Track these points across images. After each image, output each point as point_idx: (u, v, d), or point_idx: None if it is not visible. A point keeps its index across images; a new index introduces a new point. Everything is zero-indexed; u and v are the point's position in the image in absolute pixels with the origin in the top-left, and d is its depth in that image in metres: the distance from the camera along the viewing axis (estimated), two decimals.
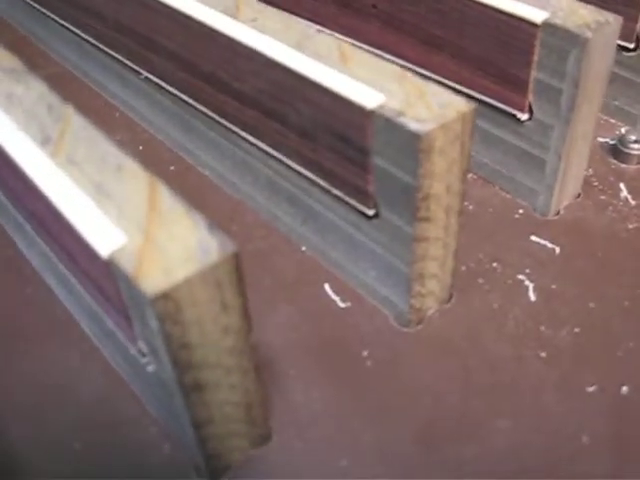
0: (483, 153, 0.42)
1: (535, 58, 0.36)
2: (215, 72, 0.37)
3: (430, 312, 0.36)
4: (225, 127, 0.39)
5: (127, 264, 0.24)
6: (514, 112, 0.38)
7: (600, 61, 0.35)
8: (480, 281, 0.38)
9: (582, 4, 0.36)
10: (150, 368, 0.29)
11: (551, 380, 0.33)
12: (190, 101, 0.41)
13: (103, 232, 0.26)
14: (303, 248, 0.40)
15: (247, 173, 0.40)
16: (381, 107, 0.30)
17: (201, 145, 0.43)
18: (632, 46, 0.42)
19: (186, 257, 0.24)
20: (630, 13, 0.40)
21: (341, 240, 0.37)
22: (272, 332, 0.35)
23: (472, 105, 0.30)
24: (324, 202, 0.36)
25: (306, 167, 0.35)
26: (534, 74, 0.37)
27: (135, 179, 0.28)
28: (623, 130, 0.44)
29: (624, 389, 0.32)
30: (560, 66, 0.35)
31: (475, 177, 0.43)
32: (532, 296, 0.37)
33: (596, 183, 0.42)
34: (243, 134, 0.38)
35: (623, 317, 0.35)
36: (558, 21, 0.35)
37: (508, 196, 0.42)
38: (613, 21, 0.35)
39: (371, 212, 0.33)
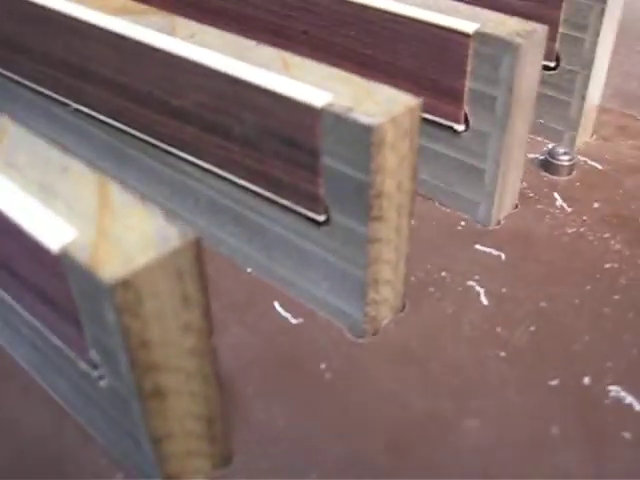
0: (421, 169, 0.42)
1: (469, 68, 0.37)
2: (152, 92, 0.36)
3: (385, 322, 0.35)
4: (163, 150, 0.38)
5: (81, 255, 0.23)
6: (450, 124, 0.39)
7: (531, 66, 0.37)
8: (431, 290, 0.37)
9: (508, 16, 0.37)
10: (103, 382, 0.27)
11: (513, 378, 0.33)
12: (124, 128, 0.40)
13: (52, 228, 0.24)
14: (249, 269, 0.38)
15: (187, 197, 0.39)
16: (330, 105, 0.30)
17: (137, 174, 0.42)
18: (553, 64, 0.44)
19: (144, 245, 0.23)
20: (549, 33, 0.42)
21: (290, 255, 0.36)
22: (225, 353, 0.34)
23: (418, 100, 0.30)
24: (271, 216, 0.35)
25: (252, 180, 0.35)
26: (468, 84, 0.38)
27: (83, 178, 0.26)
28: (550, 146, 0.46)
29: (586, 380, 0.32)
30: (493, 74, 0.36)
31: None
32: (484, 300, 0.36)
33: (532, 194, 0.43)
34: (182, 155, 0.37)
35: (575, 313, 0.36)
36: (489, 30, 0.36)
37: (448, 210, 0.42)
38: (540, 30, 0.36)
39: (322, 217, 0.33)
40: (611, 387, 0.32)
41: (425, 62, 0.38)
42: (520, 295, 0.37)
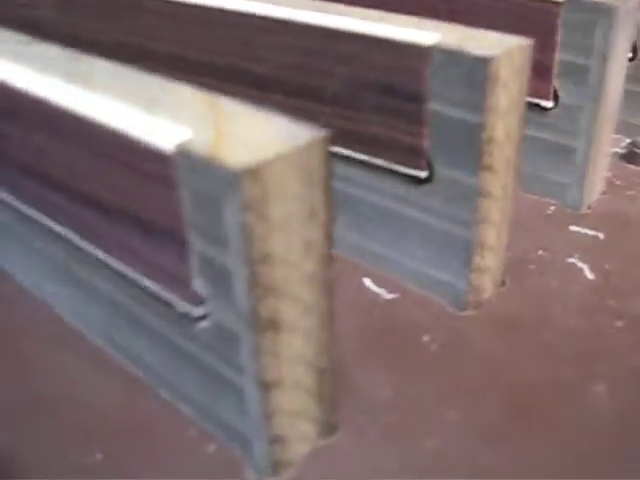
0: None
1: (558, 39, 0.36)
2: (233, 62, 0.35)
3: (486, 296, 0.33)
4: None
5: (199, 151, 0.21)
6: (538, 101, 0.38)
7: (624, 33, 0.35)
8: (531, 267, 0.35)
9: None
10: (205, 323, 0.24)
11: (638, 345, 0.30)
12: None
13: (161, 130, 0.22)
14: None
15: None
16: (440, 43, 0.28)
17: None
18: (630, 55, 0.43)
19: (270, 141, 0.21)
20: None
21: (383, 226, 0.33)
22: None
23: (529, 41, 0.29)
24: (364, 183, 0.33)
25: (345, 144, 0.33)
26: (558, 57, 0.36)
27: (185, 91, 0.24)
28: (628, 140, 0.44)
29: None
30: (587, 42, 0.35)
31: None
32: (589, 275, 0.34)
33: (618, 182, 0.41)
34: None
35: None
36: None
37: (535, 197, 0.40)
38: None
39: (425, 174, 0.30)
40: None
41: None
42: (627, 270, 0.34)
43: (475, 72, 0.27)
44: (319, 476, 0.25)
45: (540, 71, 0.37)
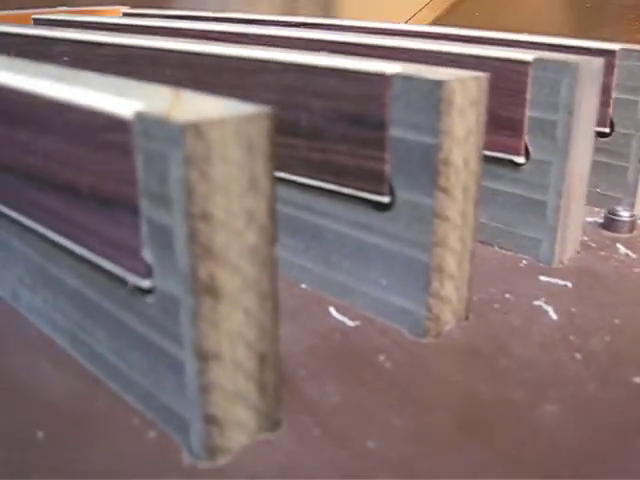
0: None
1: (528, 96, 0.38)
2: None
3: (447, 327, 0.33)
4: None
5: (153, 113, 0.22)
6: (510, 157, 0.39)
7: (590, 89, 0.37)
8: (496, 306, 0.35)
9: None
10: (152, 297, 0.25)
11: (592, 375, 0.29)
12: None
13: (120, 103, 0.24)
14: (303, 285, 0.37)
15: None
16: (399, 72, 0.30)
17: None
18: (607, 130, 0.45)
19: (219, 111, 0.23)
20: (602, 99, 0.44)
21: (348, 255, 0.34)
22: None
23: (485, 75, 0.31)
24: (332, 212, 0.34)
25: (314, 175, 0.34)
26: (528, 113, 0.38)
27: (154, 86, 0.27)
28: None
29: None
30: (553, 99, 0.37)
31: None
32: (554, 316, 0.34)
33: (593, 245, 0.42)
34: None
35: None
36: (548, 56, 0.37)
37: (509, 253, 0.41)
38: (597, 60, 0.38)
39: (387, 199, 0.32)
40: None
41: None
42: (591, 314, 0.34)
43: (431, 95, 0.29)
44: (254, 465, 0.25)
45: (511, 127, 0.39)
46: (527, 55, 0.38)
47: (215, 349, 0.24)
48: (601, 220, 0.45)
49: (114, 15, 0.69)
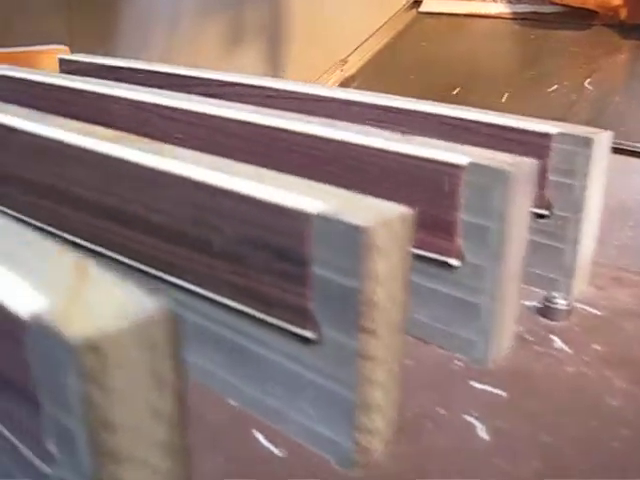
0: (414, 309, 0.41)
1: (461, 200, 0.37)
2: (130, 209, 0.36)
3: (375, 455, 0.33)
4: (140, 271, 0.37)
5: (47, 321, 0.21)
6: (445, 259, 0.39)
7: (522, 195, 0.37)
8: (428, 425, 0.35)
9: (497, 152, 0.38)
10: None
11: None
12: (95, 248, 0.39)
13: (19, 294, 0.23)
14: (232, 402, 0.36)
15: None
16: (321, 211, 0.30)
17: None
18: (546, 212, 0.45)
19: (119, 311, 0.22)
20: (540, 181, 0.43)
21: (275, 382, 0.34)
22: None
23: (411, 211, 0.30)
24: (257, 338, 0.34)
25: (239, 299, 0.34)
26: (461, 217, 0.38)
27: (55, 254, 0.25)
28: (544, 294, 0.45)
29: None
30: (485, 204, 0.37)
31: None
32: (484, 435, 0.34)
33: (529, 337, 0.42)
34: (161, 275, 0.36)
35: (582, 450, 0.33)
36: (481, 161, 0.37)
37: (443, 351, 0.40)
38: (529, 161, 0.37)
39: (312, 334, 0.31)
40: None
41: (416, 197, 0.39)
42: (522, 430, 0.34)
43: (351, 239, 0.29)
44: None
45: (446, 230, 0.39)
46: (461, 158, 0.37)
47: None
48: (538, 304, 0.44)
49: (50, 63, 0.66)
